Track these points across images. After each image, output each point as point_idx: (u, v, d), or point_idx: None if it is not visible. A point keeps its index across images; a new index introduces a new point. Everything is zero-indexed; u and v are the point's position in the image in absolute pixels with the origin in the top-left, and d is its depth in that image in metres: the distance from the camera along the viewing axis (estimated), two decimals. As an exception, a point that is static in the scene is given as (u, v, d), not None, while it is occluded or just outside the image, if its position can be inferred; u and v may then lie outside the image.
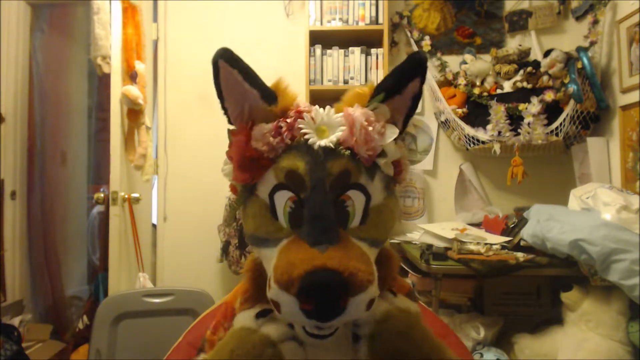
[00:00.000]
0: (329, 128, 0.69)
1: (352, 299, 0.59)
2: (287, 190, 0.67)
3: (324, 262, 0.59)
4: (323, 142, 0.67)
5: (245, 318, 0.72)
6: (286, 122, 0.68)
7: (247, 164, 0.68)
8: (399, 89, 0.72)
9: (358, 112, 0.68)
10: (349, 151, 0.67)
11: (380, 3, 2.47)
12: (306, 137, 0.68)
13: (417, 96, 0.74)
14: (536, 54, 2.49)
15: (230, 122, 0.74)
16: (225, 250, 2.47)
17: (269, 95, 0.70)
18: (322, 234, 0.64)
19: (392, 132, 0.71)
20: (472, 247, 1.89)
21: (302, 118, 0.68)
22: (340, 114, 0.70)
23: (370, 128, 0.68)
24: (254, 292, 0.76)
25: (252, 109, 0.70)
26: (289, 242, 0.66)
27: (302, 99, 0.73)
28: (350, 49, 2.49)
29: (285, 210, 0.67)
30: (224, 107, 0.71)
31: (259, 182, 0.70)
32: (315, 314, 0.60)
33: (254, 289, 0.76)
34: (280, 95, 0.70)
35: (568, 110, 2.20)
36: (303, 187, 0.66)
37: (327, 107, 0.71)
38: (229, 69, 0.68)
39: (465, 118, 2.40)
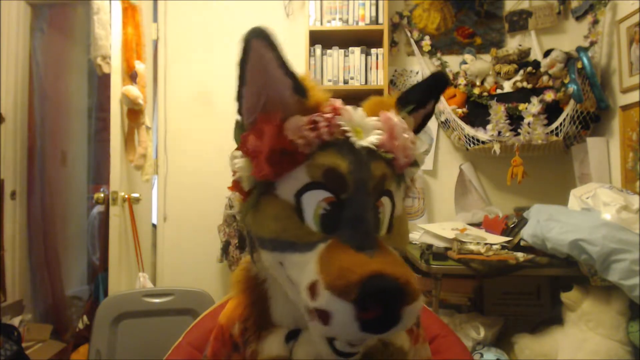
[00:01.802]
0: (363, 130, 0.65)
1: (408, 307, 0.55)
2: (322, 189, 0.61)
3: (381, 268, 0.54)
4: (365, 143, 0.63)
5: (275, 345, 0.68)
6: (323, 117, 0.63)
7: (277, 158, 0.61)
8: (424, 104, 0.73)
9: (397, 118, 0.66)
10: (391, 155, 0.65)
11: (380, 3, 2.47)
12: (347, 134, 0.63)
13: (429, 115, 0.75)
14: (536, 54, 2.49)
15: (240, 112, 0.67)
16: (225, 250, 2.47)
17: (301, 88, 0.63)
18: (366, 238, 0.58)
19: (422, 144, 0.70)
20: (472, 247, 1.89)
21: (340, 115, 0.64)
22: (373, 117, 0.66)
23: (406, 135, 0.66)
24: (255, 318, 0.71)
25: (272, 99, 0.63)
26: (328, 246, 0.59)
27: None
28: (350, 49, 2.49)
29: (317, 212, 0.61)
30: (239, 93, 0.64)
31: (280, 181, 0.63)
32: (373, 323, 0.54)
33: (254, 315, 0.71)
34: (311, 90, 0.65)
35: (568, 110, 2.20)
36: (344, 188, 0.61)
37: (359, 109, 0.68)
38: (264, 52, 0.60)
39: (465, 118, 2.40)
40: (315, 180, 0.61)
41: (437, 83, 0.73)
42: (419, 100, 0.71)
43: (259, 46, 0.59)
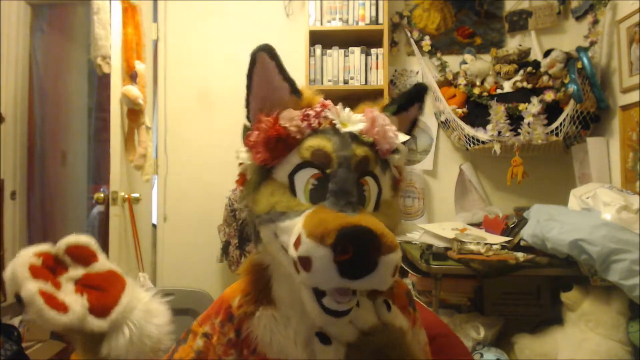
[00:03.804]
0: (349, 123, 0.74)
1: (383, 257, 0.61)
2: (311, 167, 0.70)
3: (357, 221, 0.61)
4: (348, 129, 0.73)
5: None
6: (314, 110, 0.73)
7: (273, 143, 0.71)
8: (406, 107, 0.82)
9: (377, 112, 0.76)
10: (371, 139, 0.73)
11: (380, 3, 2.47)
12: (334, 122, 0.73)
13: (415, 121, 0.85)
14: (536, 54, 2.50)
15: (248, 117, 0.77)
16: (225, 250, 2.46)
17: (297, 90, 0.76)
18: (347, 205, 0.66)
19: (403, 136, 0.79)
20: (472, 247, 1.89)
21: (328, 109, 0.74)
22: (359, 114, 0.76)
23: (387, 126, 0.75)
24: (254, 294, 0.77)
25: (275, 104, 0.74)
26: (314, 209, 0.67)
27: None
28: (350, 49, 2.49)
29: (307, 188, 0.70)
30: (248, 101, 0.76)
31: (277, 166, 0.73)
32: (350, 266, 0.60)
33: (255, 291, 0.77)
34: (305, 92, 0.77)
35: (568, 110, 2.20)
36: (329, 164, 0.69)
37: (347, 108, 0.77)
38: (268, 61, 0.72)
39: (465, 118, 2.40)
40: (304, 159, 0.70)
41: (418, 91, 0.83)
42: (401, 104, 0.82)
43: (263, 57, 0.72)
